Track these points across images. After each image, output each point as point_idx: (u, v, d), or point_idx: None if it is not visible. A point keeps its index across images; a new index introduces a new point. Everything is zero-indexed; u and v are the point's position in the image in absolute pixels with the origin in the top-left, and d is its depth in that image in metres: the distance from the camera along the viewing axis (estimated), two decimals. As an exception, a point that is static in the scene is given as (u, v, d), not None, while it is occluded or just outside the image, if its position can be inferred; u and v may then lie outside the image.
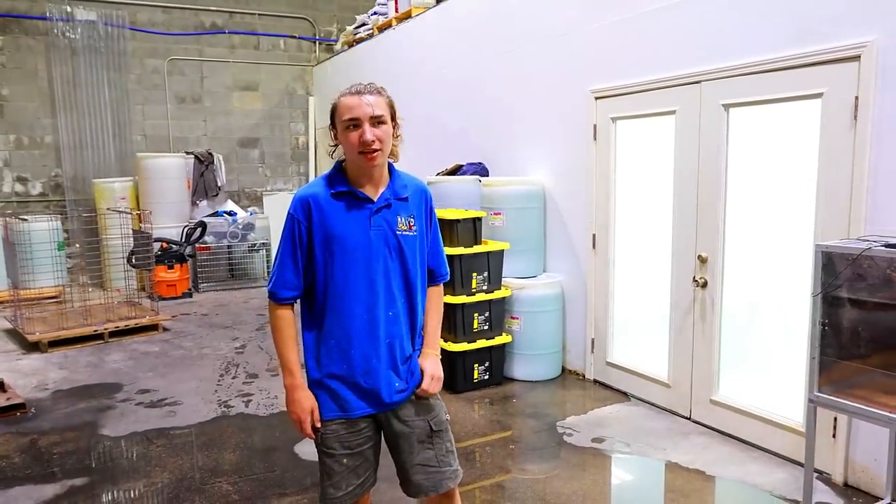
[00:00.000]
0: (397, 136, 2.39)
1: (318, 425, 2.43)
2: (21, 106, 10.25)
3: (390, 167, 2.44)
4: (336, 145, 2.39)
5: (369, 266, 2.35)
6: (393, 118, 2.35)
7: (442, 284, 2.65)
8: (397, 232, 2.39)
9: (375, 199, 2.36)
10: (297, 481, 4.03)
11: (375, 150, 2.26)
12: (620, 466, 4.30)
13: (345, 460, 2.44)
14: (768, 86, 4.12)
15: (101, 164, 10.68)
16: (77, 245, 10.04)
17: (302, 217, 2.35)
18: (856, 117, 3.66)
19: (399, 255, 2.40)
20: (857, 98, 3.65)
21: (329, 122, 2.40)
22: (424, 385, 2.49)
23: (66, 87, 10.39)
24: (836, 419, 3.84)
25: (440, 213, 5.56)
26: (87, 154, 10.59)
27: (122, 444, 4.62)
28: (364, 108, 2.25)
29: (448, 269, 2.68)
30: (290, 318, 2.41)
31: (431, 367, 2.53)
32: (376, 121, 2.26)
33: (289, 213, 2.38)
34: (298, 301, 2.47)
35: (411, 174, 2.55)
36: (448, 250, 5.31)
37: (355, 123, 2.26)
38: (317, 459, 2.54)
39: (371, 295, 2.36)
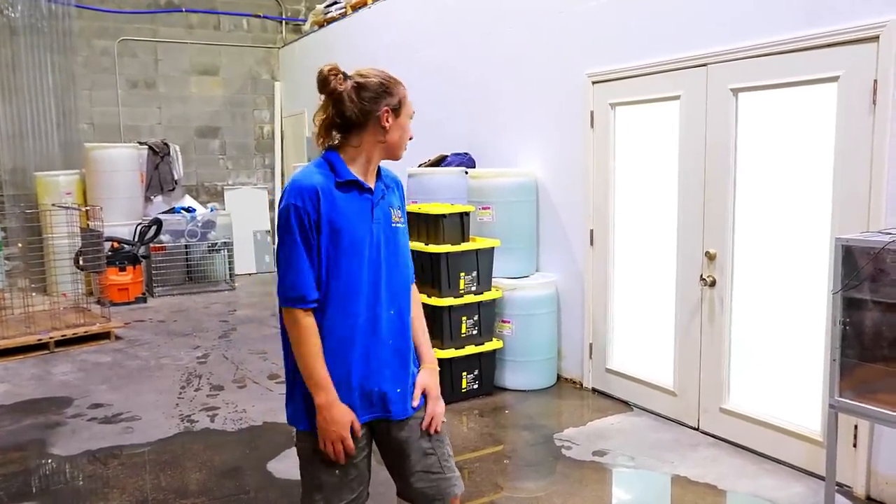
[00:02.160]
0: None
1: (360, 435, 2.42)
2: (-48, 91, 10.10)
3: None
4: (365, 124, 2.37)
5: (372, 261, 2.39)
6: None
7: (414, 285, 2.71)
8: (392, 224, 2.47)
9: (374, 191, 2.43)
10: (271, 502, 4.01)
11: None
12: (624, 481, 4.34)
13: (338, 472, 2.44)
14: (780, 69, 4.17)
15: (44, 156, 10.54)
16: (19, 245, 9.92)
17: (311, 209, 2.31)
18: (875, 102, 3.71)
19: (395, 249, 2.47)
20: (875, 81, 3.70)
21: (385, 101, 2.38)
22: (430, 409, 2.53)
23: (5, 71, 10.24)
24: (856, 427, 3.90)
25: (424, 207, 5.58)
26: (28, 144, 10.45)
27: (74, 464, 4.58)
28: None
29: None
30: (314, 326, 2.36)
31: (426, 382, 2.56)
32: None
33: (291, 203, 2.31)
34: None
35: (392, 167, 2.63)
36: (433, 248, 5.35)
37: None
38: (292, 478, 2.53)
39: (374, 292, 2.40)
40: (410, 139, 2.50)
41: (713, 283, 4.68)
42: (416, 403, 2.52)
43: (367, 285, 2.39)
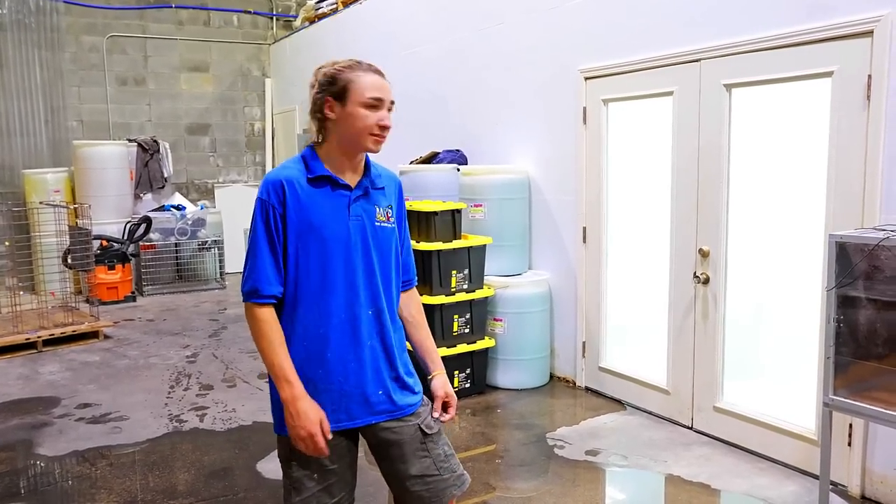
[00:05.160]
0: None
1: (330, 437, 2.31)
2: (-62, 89, 10.03)
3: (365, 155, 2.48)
4: (324, 118, 2.33)
5: (348, 259, 2.34)
6: None
7: (415, 288, 2.69)
8: (376, 223, 2.40)
9: (353, 187, 2.37)
10: (260, 502, 4.00)
11: (385, 137, 2.34)
12: (617, 481, 4.31)
13: (316, 475, 2.40)
14: (774, 64, 4.15)
15: (32, 153, 10.49)
16: (7, 243, 9.85)
17: (276, 202, 2.30)
18: (869, 97, 3.70)
19: (378, 248, 2.40)
20: (869, 76, 3.69)
21: (326, 90, 2.31)
22: (449, 414, 2.55)
23: (-8, 68, 10.19)
24: (851, 425, 3.88)
25: (416, 204, 5.54)
26: (16, 142, 10.39)
27: (62, 464, 4.55)
28: (386, 91, 2.34)
29: (416, 272, 2.72)
30: (275, 320, 2.32)
31: (447, 390, 2.57)
32: (390, 106, 2.37)
33: (259, 198, 2.32)
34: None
35: (382, 163, 2.58)
36: (425, 245, 5.31)
37: (376, 105, 2.30)
38: (281, 478, 2.48)
39: (350, 291, 2.35)
40: (385, 129, 2.31)
41: (707, 281, 4.66)
42: (436, 415, 2.51)
43: (344, 284, 2.34)
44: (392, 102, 2.37)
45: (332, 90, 2.30)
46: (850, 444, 3.90)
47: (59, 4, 10.55)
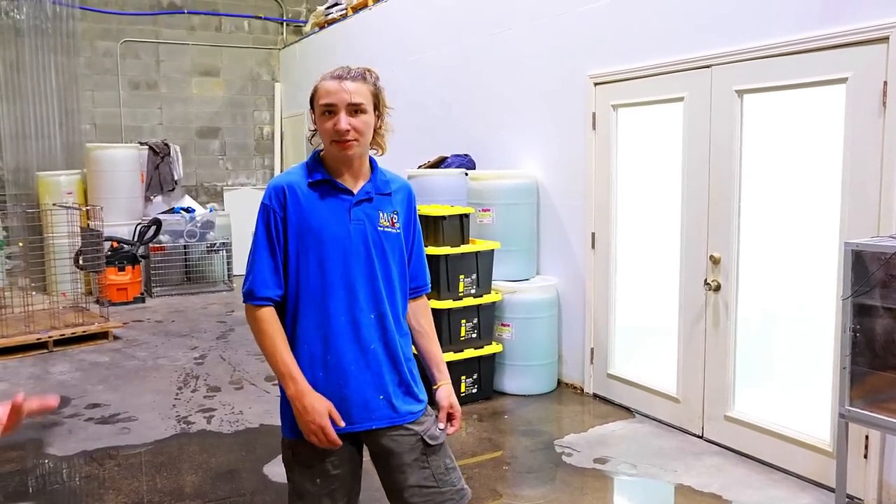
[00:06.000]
0: (381, 127, 2.38)
1: (342, 424, 2.29)
2: (-44, 92, 10.02)
3: (372, 160, 2.45)
4: (315, 130, 2.39)
5: (347, 263, 2.32)
6: (377, 107, 2.34)
7: (426, 296, 2.62)
8: (379, 228, 2.37)
9: (355, 192, 2.35)
10: (266, 506, 3.95)
11: (349, 140, 2.26)
12: (626, 490, 4.23)
13: (318, 480, 2.36)
14: (786, 70, 4.06)
15: (46, 156, 10.48)
16: (20, 244, 9.83)
17: (277, 206, 2.32)
18: (884, 104, 3.60)
19: (381, 253, 2.37)
20: (885, 83, 3.59)
21: (309, 105, 2.39)
22: (452, 428, 2.50)
23: (9, 72, 10.17)
24: (867, 437, 3.76)
25: (423, 209, 5.43)
26: (31, 145, 10.38)
27: (71, 464, 4.54)
28: (341, 95, 2.24)
29: (429, 280, 2.65)
30: (275, 319, 2.31)
31: (452, 401, 2.50)
32: (354, 109, 2.26)
33: (262, 203, 2.35)
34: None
35: (390, 169, 2.54)
36: (433, 250, 5.20)
37: (331, 110, 2.26)
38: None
39: (350, 295, 2.32)
40: (341, 133, 2.23)
41: (718, 288, 4.55)
42: (441, 426, 2.45)
43: (343, 287, 2.31)
44: (355, 104, 2.24)
45: (311, 102, 2.37)
46: (866, 457, 3.79)
47: (76, 10, 10.57)
